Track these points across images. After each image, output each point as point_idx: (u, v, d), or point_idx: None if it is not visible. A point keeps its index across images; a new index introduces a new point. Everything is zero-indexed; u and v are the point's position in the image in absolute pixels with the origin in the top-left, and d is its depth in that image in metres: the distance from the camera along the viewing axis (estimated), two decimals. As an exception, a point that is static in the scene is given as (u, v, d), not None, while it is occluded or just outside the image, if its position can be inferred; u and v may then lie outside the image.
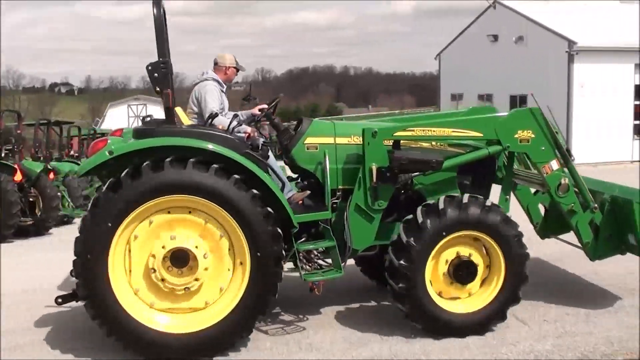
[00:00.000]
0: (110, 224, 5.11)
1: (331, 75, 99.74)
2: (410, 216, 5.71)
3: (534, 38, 23.46)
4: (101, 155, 5.27)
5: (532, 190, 6.97)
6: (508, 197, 6.25)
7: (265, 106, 6.39)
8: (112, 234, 5.14)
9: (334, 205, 5.83)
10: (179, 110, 6.05)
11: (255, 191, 5.23)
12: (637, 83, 21.30)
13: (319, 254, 5.80)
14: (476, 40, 27.82)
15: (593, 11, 23.13)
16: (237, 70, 6.73)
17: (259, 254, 5.26)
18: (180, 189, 5.16)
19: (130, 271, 5.26)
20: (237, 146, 5.49)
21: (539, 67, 22.98)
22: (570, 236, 6.55)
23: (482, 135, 6.13)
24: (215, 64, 6.67)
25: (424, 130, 6.02)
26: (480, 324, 5.72)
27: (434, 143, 6.26)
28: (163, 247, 5.25)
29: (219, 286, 5.37)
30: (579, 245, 6.38)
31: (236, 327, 5.34)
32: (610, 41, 21.13)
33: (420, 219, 5.63)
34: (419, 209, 5.72)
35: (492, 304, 5.76)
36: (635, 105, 21.36)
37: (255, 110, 6.49)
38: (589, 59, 20.72)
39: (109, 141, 5.52)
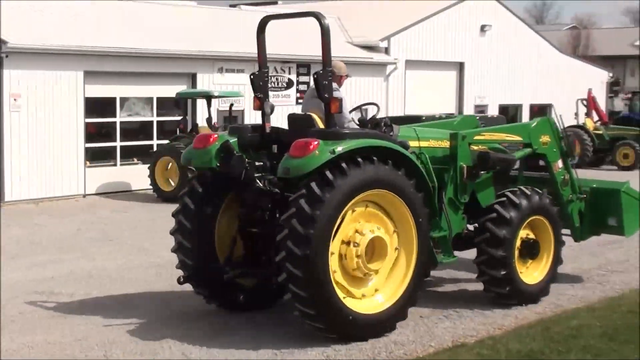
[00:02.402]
0: (331, 221, 7.88)
1: None
2: (494, 214, 9.51)
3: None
4: (324, 155, 7.87)
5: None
6: None
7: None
8: (333, 230, 7.93)
9: None
10: (315, 116, 8.90)
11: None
12: (88, 95, 22.36)
13: None
14: None
15: (31, 6, 23.48)
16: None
17: (423, 239, 8.62)
18: (383, 183, 8.22)
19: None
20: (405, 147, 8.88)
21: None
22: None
23: (521, 139, 10.45)
24: (335, 74, 8.95)
25: (490, 135, 10.13)
26: (546, 288, 10.07)
27: (478, 146, 9.96)
28: (362, 236, 8.22)
29: (388, 268, 8.53)
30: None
31: (406, 304, 8.65)
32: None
33: (507, 215, 9.48)
34: (497, 206, 9.57)
35: (551, 268, 10.08)
36: (87, 124, 22.34)
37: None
38: (26, 64, 20.92)
39: (320, 142, 7.94)
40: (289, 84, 28.28)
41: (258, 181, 8.64)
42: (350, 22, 33.27)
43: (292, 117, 9.32)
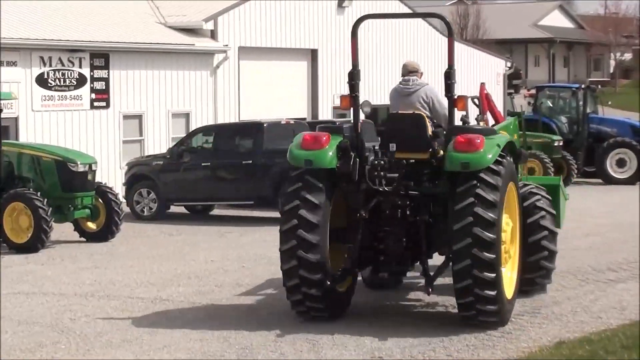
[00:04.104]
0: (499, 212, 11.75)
1: None
2: (546, 232, 13.62)
3: None
4: (495, 149, 11.74)
5: None
6: None
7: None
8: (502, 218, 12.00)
9: None
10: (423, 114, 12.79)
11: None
12: None
13: None
14: None
15: None
16: None
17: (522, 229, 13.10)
18: (514, 175, 12.65)
19: None
20: None
21: None
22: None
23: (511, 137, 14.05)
24: (417, 71, 13.25)
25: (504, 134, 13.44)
26: None
27: None
28: (508, 224, 12.45)
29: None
30: None
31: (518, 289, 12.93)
32: None
33: (556, 230, 13.91)
34: (544, 222, 13.60)
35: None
36: None
37: None
38: None
39: (484, 138, 11.80)
40: (81, 80, 27.99)
41: (368, 180, 12.14)
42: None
43: (397, 116, 12.88)
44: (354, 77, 12.48)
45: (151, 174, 24.92)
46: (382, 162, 12.20)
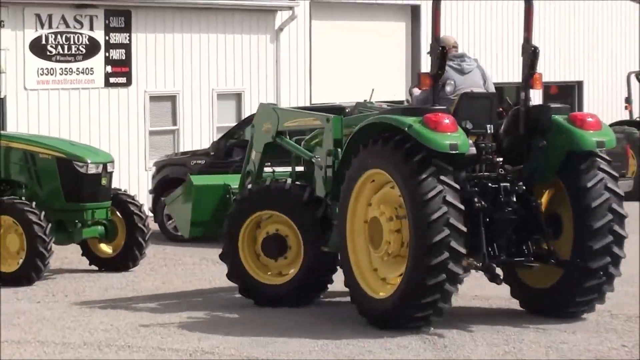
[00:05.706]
0: None
1: None
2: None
3: None
4: (611, 131, 15.61)
5: None
6: None
7: None
8: None
9: None
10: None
11: None
12: None
13: None
14: None
15: None
16: None
17: None
18: None
19: None
20: None
21: None
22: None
23: None
24: (456, 47, 16.29)
25: None
26: None
27: None
28: None
29: None
30: None
31: None
32: None
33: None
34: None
35: None
36: None
37: None
38: None
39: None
40: (92, 48, 28.17)
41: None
42: None
43: (474, 95, 15.42)
44: (443, 56, 14.91)
45: (189, 178, 24.96)
46: (491, 145, 15.00)
